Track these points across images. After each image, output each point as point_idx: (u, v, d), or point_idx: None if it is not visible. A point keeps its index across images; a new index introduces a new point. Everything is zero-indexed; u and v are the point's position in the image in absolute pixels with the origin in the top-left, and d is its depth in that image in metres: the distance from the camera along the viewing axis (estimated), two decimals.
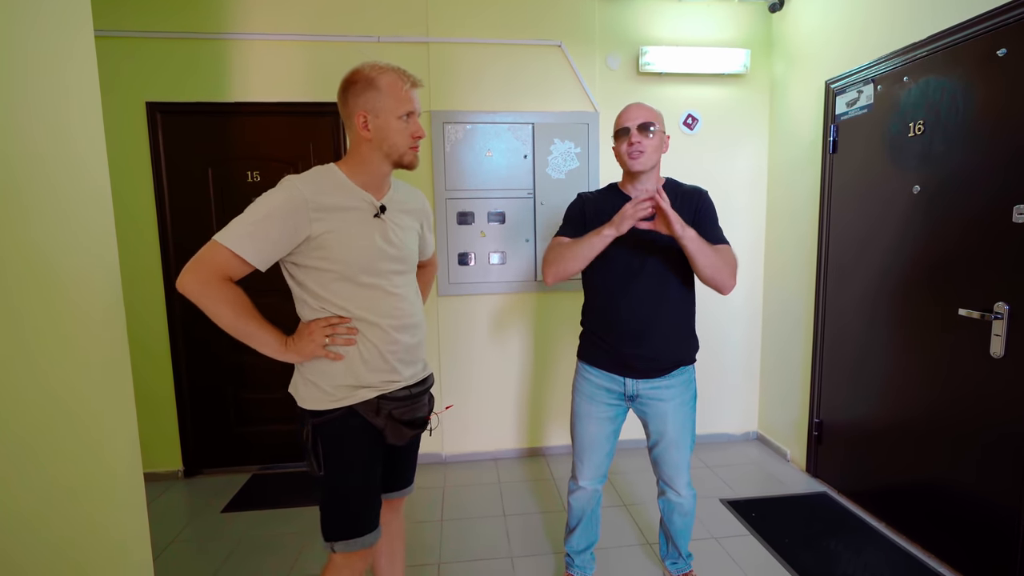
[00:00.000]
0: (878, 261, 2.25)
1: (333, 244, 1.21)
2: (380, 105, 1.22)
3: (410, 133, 1.26)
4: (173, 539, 2.24)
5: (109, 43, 2.50)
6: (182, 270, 1.14)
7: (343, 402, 1.26)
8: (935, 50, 1.96)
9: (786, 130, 2.85)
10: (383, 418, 1.30)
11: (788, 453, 2.90)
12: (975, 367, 1.84)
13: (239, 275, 1.17)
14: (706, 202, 1.61)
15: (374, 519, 1.31)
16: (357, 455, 1.30)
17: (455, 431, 2.96)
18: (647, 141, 1.55)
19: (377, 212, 1.28)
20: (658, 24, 2.85)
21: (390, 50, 2.69)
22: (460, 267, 2.84)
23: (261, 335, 1.20)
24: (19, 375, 0.97)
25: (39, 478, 1.00)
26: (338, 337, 1.24)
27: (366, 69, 1.24)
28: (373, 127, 1.23)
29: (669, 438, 1.66)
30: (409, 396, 1.34)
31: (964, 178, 1.87)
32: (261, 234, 1.15)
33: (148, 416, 2.70)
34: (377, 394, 1.29)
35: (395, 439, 1.33)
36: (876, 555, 2.04)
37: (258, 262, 1.16)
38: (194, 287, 1.13)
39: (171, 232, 2.68)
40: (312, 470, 1.28)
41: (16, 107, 0.98)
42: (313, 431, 1.26)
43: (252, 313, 1.19)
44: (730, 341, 3.10)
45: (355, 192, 1.26)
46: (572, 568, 1.87)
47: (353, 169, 1.27)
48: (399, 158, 1.27)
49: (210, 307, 1.15)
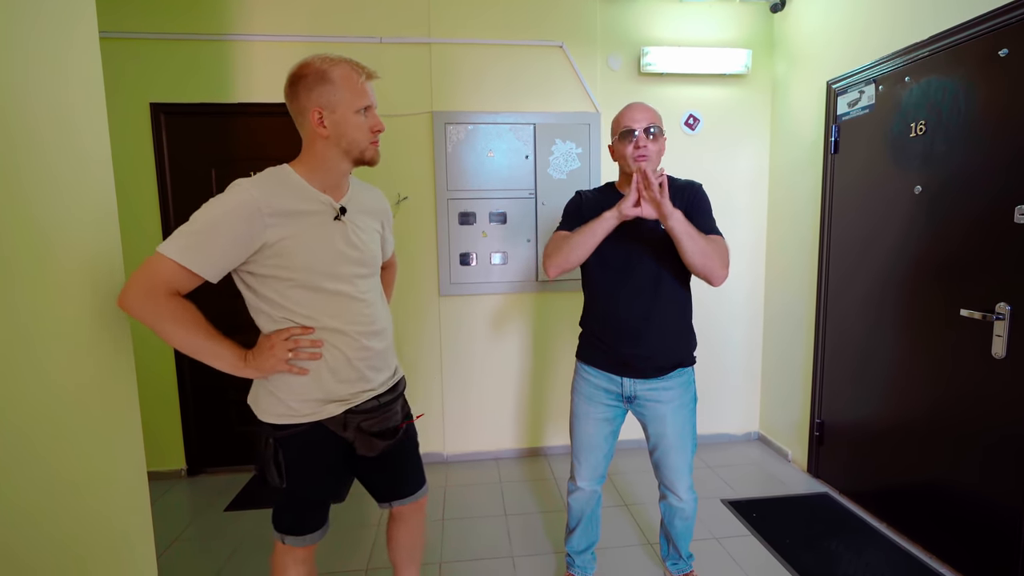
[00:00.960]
0: (880, 261, 2.25)
1: (292, 251, 1.13)
2: (335, 99, 1.15)
3: (369, 127, 1.20)
4: (176, 537, 2.26)
5: (113, 44, 2.52)
6: (124, 285, 1.06)
7: (309, 418, 1.20)
8: (937, 50, 1.96)
9: (787, 130, 2.85)
10: (351, 431, 1.25)
11: (789, 453, 2.90)
12: (976, 367, 1.84)
13: (187, 289, 1.08)
14: (699, 193, 1.61)
15: (323, 519, 1.33)
16: (320, 467, 1.26)
17: (457, 431, 2.96)
18: (652, 144, 1.56)
19: (337, 215, 1.20)
20: (659, 24, 2.85)
21: (392, 51, 2.70)
22: (462, 267, 2.84)
23: (216, 350, 1.11)
24: (23, 371, 0.97)
25: (42, 474, 1.01)
26: (302, 351, 1.16)
27: (316, 62, 1.15)
28: (330, 123, 1.16)
29: (668, 441, 1.66)
30: (378, 406, 1.28)
31: (966, 179, 1.87)
32: (209, 243, 1.06)
33: (152, 415, 2.72)
34: (344, 408, 1.23)
35: (366, 451, 1.28)
36: (877, 556, 2.04)
37: (208, 274, 1.07)
38: (136, 304, 1.04)
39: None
40: (273, 482, 1.22)
41: (19, 107, 0.99)
42: (275, 444, 1.20)
43: (204, 327, 1.10)
44: (731, 341, 3.10)
45: (312, 195, 1.18)
46: (573, 568, 1.88)
47: (310, 169, 1.19)
48: (360, 154, 1.21)
49: (156, 324, 1.06)
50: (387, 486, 1.42)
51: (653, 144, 1.56)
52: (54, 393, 1.04)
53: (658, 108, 1.64)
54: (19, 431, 0.96)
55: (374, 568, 2.04)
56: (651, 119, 1.56)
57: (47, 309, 1.03)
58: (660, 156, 1.60)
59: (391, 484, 1.42)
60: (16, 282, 0.96)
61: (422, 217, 2.80)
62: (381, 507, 1.46)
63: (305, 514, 1.28)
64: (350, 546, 2.17)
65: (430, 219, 2.81)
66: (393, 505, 1.44)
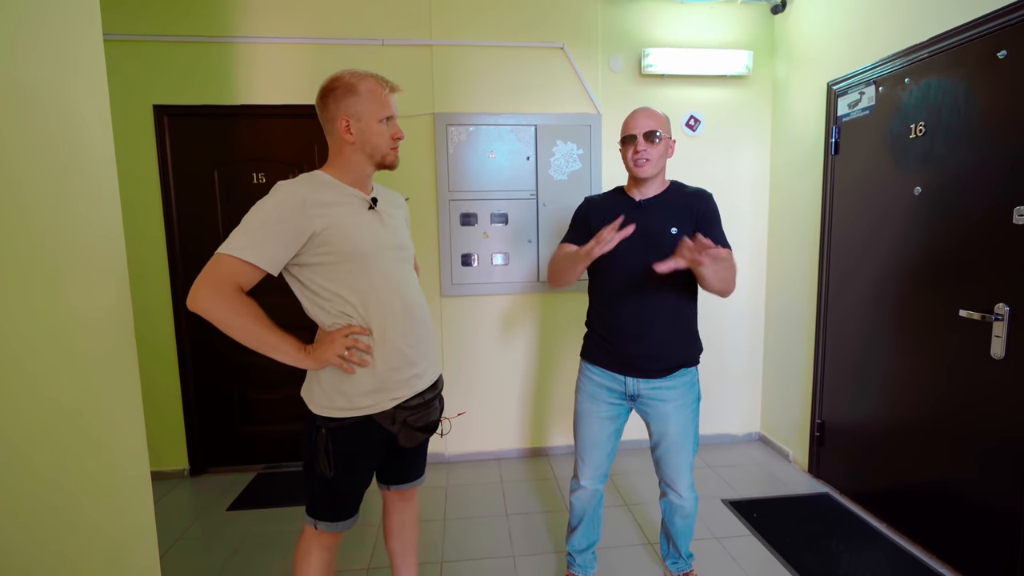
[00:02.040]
0: (880, 262, 2.25)
1: (337, 237, 1.24)
2: (362, 109, 1.28)
3: (390, 135, 1.32)
4: (179, 536, 2.27)
5: (116, 47, 2.53)
6: (192, 287, 1.15)
7: (363, 411, 1.30)
8: (937, 52, 1.96)
9: (788, 132, 2.86)
10: (398, 425, 1.35)
11: (790, 454, 2.90)
12: (976, 368, 1.84)
13: (251, 283, 1.19)
14: (711, 204, 1.63)
15: (356, 506, 1.40)
16: (366, 458, 1.36)
17: (459, 431, 2.97)
18: (652, 149, 1.57)
19: (371, 205, 1.33)
20: (660, 26, 2.86)
21: (394, 53, 2.71)
22: (463, 268, 2.85)
23: (280, 344, 1.21)
24: (24, 373, 0.98)
25: (43, 475, 1.01)
26: (356, 352, 1.26)
27: (346, 76, 1.29)
28: (356, 131, 1.28)
29: (671, 440, 1.67)
30: (423, 403, 1.39)
31: (965, 179, 1.87)
32: (265, 238, 1.17)
33: (155, 415, 2.73)
34: (395, 404, 1.33)
35: (407, 443, 1.38)
36: (878, 556, 2.05)
37: (268, 265, 1.18)
38: (207, 303, 1.14)
39: (178, 233, 2.71)
40: (322, 471, 1.30)
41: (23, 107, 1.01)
42: (328, 435, 1.29)
43: (266, 322, 1.21)
44: (732, 342, 3.11)
45: (346, 190, 1.31)
46: (574, 567, 1.88)
47: (339, 172, 1.32)
48: (381, 159, 1.33)
49: (227, 319, 1.16)
50: (398, 471, 1.52)
51: (654, 148, 1.57)
52: (56, 398, 1.05)
53: (659, 109, 1.65)
54: (20, 436, 0.97)
55: (376, 567, 2.05)
56: (653, 124, 1.57)
57: (50, 309, 1.04)
58: (664, 160, 1.61)
59: (401, 469, 1.53)
60: (20, 282, 0.98)
61: (424, 218, 2.81)
62: (380, 488, 1.57)
63: (343, 502, 1.36)
64: (353, 545, 2.18)
65: (432, 220, 2.82)
66: (392, 488, 1.55)
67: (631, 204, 1.64)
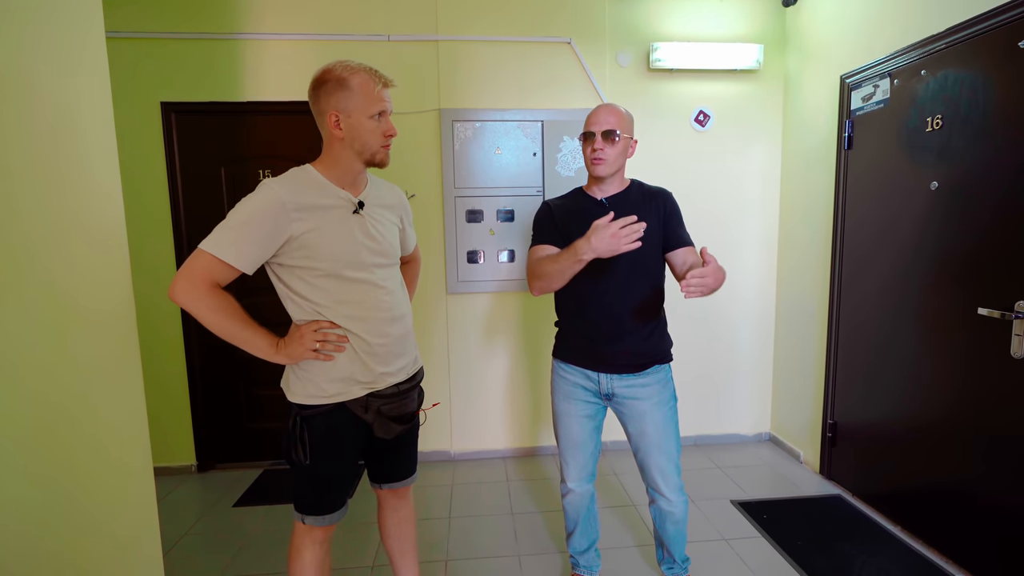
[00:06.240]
0: (894, 259, 2.20)
1: (316, 242, 1.23)
2: (351, 105, 1.24)
3: (382, 132, 1.28)
4: (186, 532, 2.28)
5: (125, 44, 2.55)
6: (173, 278, 1.17)
7: (335, 398, 1.30)
8: (953, 43, 1.91)
9: (800, 126, 2.81)
10: (372, 413, 1.35)
11: (801, 454, 2.85)
12: (995, 368, 1.79)
13: (226, 280, 1.19)
14: (674, 203, 1.64)
15: (342, 500, 1.38)
16: (341, 446, 1.35)
17: (464, 429, 2.96)
18: (610, 148, 1.55)
19: (356, 208, 1.30)
20: (669, 20, 2.82)
21: (400, 49, 2.70)
22: (469, 265, 2.84)
23: (252, 339, 1.22)
24: (24, 370, 0.98)
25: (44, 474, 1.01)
26: (328, 344, 1.26)
27: (337, 69, 1.25)
28: (345, 126, 1.25)
29: (650, 440, 1.64)
30: (398, 392, 1.39)
31: (984, 174, 1.82)
32: (243, 238, 1.17)
33: (163, 412, 2.75)
34: (367, 392, 1.33)
35: (383, 433, 1.38)
36: (891, 560, 2.00)
37: (243, 265, 1.18)
38: (184, 295, 1.15)
39: (185, 230, 2.72)
40: (298, 458, 1.30)
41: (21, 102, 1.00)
42: (301, 422, 1.29)
43: (242, 317, 1.21)
44: (742, 340, 3.06)
45: (332, 191, 1.28)
46: (578, 568, 1.86)
47: (328, 168, 1.30)
48: (371, 156, 1.29)
49: (201, 313, 1.17)
50: (387, 468, 1.52)
51: (611, 147, 1.54)
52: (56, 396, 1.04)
53: (668, 104, 1.63)
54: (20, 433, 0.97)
55: (380, 565, 2.04)
56: (614, 123, 1.54)
57: (52, 306, 1.04)
58: (623, 159, 1.59)
59: (391, 466, 1.52)
60: (23, 278, 0.97)
61: (429, 215, 2.80)
62: (373, 487, 1.56)
63: (325, 495, 1.36)
64: (357, 543, 2.17)
65: (437, 217, 2.81)
66: (384, 487, 1.54)
67: (594, 203, 1.62)
